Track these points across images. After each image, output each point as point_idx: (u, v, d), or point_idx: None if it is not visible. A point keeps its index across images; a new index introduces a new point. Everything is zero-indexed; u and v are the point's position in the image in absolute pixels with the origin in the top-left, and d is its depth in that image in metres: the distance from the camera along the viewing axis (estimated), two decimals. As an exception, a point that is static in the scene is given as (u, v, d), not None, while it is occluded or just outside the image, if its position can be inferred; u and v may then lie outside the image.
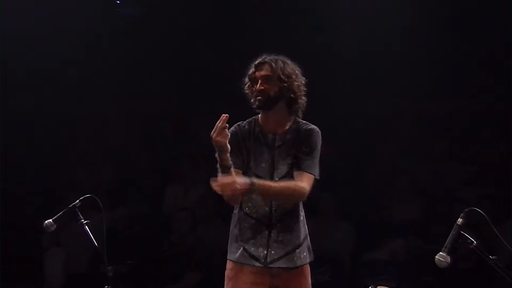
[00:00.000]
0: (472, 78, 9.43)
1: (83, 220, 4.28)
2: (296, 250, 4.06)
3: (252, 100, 4.15)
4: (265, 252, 4.03)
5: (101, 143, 9.72)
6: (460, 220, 3.70)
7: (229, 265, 4.15)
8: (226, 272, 4.15)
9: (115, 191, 8.73)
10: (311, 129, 4.13)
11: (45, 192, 9.04)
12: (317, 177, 4.08)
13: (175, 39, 10.12)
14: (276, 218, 4.04)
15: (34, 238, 8.21)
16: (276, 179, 4.03)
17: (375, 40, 9.19)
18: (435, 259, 3.64)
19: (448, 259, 3.62)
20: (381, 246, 7.76)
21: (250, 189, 3.88)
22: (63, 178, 9.21)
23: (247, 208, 4.09)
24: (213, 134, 3.89)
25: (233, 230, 4.15)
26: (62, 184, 9.03)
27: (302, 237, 4.09)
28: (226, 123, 3.86)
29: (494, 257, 3.67)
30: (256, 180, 3.90)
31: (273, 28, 9.21)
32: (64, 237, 7.99)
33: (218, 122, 3.88)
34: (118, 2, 9.79)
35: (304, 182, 4.00)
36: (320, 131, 4.16)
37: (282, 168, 4.05)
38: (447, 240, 3.67)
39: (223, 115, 3.88)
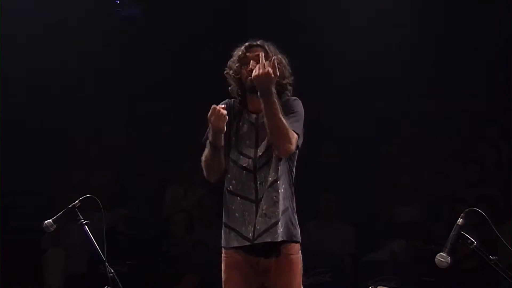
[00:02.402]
0: (473, 78, 9.43)
1: (82, 221, 4.27)
2: (278, 223, 3.94)
3: (235, 83, 4.07)
4: (252, 228, 3.95)
5: (101, 143, 9.72)
6: (460, 220, 3.69)
7: (223, 255, 4.08)
8: (222, 264, 4.08)
9: (115, 192, 8.73)
10: (287, 99, 4.04)
11: (45, 192, 9.04)
12: (299, 141, 3.98)
13: (175, 39, 10.13)
14: (262, 191, 3.96)
15: (33, 238, 8.21)
16: (259, 154, 3.97)
17: (375, 40, 9.19)
18: (436, 259, 3.63)
19: (449, 259, 3.61)
20: (381, 246, 7.75)
21: (269, 89, 3.81)
22: (63, 178, 9.20)
23: (231, 186, 4.02)
24: (211, 117, 3.88)
25: (224, 214, 4.08)
26: (61, 184, 9.03)
27: (281, 210, 3.96)
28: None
29: (494, 257, 3.66)
30: (275, 92, 3.84)
31: (273, 29, 9.20)
32: (64, 238, 7.98)
33: (217, 108, 3.88)
34: (118, 2, 9.79)
35: (292, 133, 3.92)
36: (298, 99, 4.07)
37: (266, 145, 3.97)
38: (448, 240, 3.66)
39: (221, 105, 3.91)
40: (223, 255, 4.08)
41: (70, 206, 4.29)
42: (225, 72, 4.13)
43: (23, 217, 8.72)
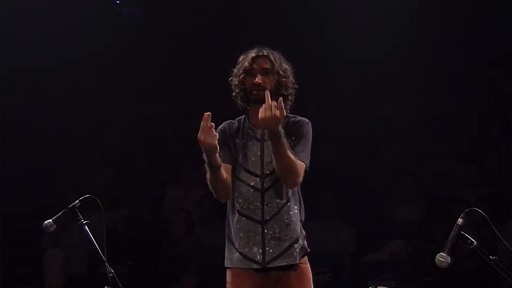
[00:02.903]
0: (473, 78, 9.43)
1: (82, 221, 4.26)
2: (295, 245, 3.91)
3: (239, 93, 4.02)
4: (261, 251, 3.89)
5: (101, 144, 9.72)
6: (460, 220, 3.68)
7: (227, 274, 4.00)
8: (227, 284, 4.02)
9: (115, 192, 8.73)
10: (299, 120, 4.00)
11: (45, 192, 9.04)
12: (307, 169, 3.94)
13: (175, 39, 10.12)
14: (268, 212, 3.90)
15: (33, 238, 8.21)
16: (267, 172, 3.91)
17: (376, 40, 9.19)
18: (435, 259, 3.63)
19: (449, 259, 3.61)
20: (381, 246, 7.75)
21: (277, 129, 3.72)
22: (63, 178, 9.20)
23: (238, 206, 3.95)
24: (200, 136, 3.73)
25: (227, 233, 4.01)
26: (61, 184, 9.03)
27: (298, 230, 3.93)
28: (212, 122, 3.74)
29: (494, 257, 3.66)
30: (283, 131, 3.77)
31: (274, 29, 9.20)
32: (64, 238, 7.98)
33: (202, 123, 3.74)
34: (118, 2, 9.78)
35: (299, 166, 3.87)
36: (309, 122, 4.02)
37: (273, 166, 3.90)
38: (448, 240, 3.66)
39: (205, 113, 3.76)
40: (227, 276, 4.00)
41: (70, 206, 4.28)
42: (230, 79, 4.08)
43: (23, 217, 8.72)
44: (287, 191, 3.94)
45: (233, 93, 4.07)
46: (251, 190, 3.93)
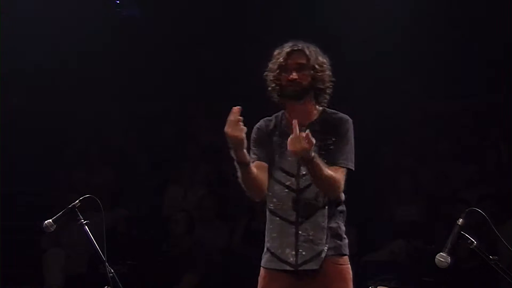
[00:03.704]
0: (474, 78, 9.43)
1: (82, 221, 4.26)
2: (324, 250, 3.84)
3: (275, 88, 3.91)
4: (294, 253, 3.80)
5: (101, 143, 9.72)
6: (460, 220, 3.69)
7: (260, 273, 3.94)
8: (259, 278, 3.94)
9: (115, 192, 8.73)
10: (340, 118, 3.95)
11: (45, 192, 9.04)
12: (352, 168, 3.91)
13: (175, 40, 10.13)
14: (303, 214, 3.81)
15: (33, 238, 8.21)
16: (303, 173, 3.81)
17: (376, 40, 9.18)
18: (436, 259, 3.63)
19: (449, 259, 3.61)
20: (381, 246, 7.75)
21: (309, 157, 3.63)
22: (63, 178, 9.20)
23: (271, 205, 3.87)
24: (228, 129, 3.65)
25: (265, 233, 3.94)
26: (61, 184, 9.03)
27: (330, 235, 3.86)
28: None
29: (495, 257, 3.66)
30: (315, 154, 3.68)
31: (273, 29, 9.20)
32: (64, 238, 7.98)
33: (229, 116, 3.67)
34: (118, 2, 9.78)
35: (338, 177, 3.81)
36: (350, 119, 3.97)
37: None
38: (448, 240, 3.66)
39: (234, 107, 3.69)
40: (260, 274, 3.94)
41: (70, 206, 4.29)
42: (265, 74, 3.98)
43: (23, 217, 8.72)
44: (324, 194, 3.85)
45: (269, 88, 3.96)
46: (286, 190, 3.84)
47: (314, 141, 3.63)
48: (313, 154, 3.66)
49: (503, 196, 7.62)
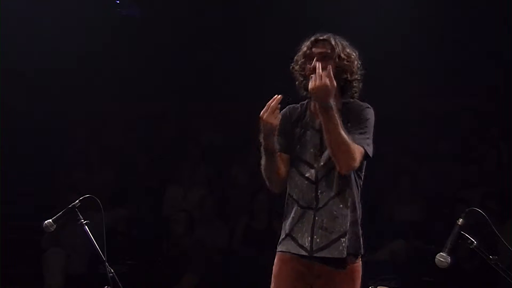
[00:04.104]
0: (474, 77, 9.43)
1: (82, 220, 4.27)
2: (342, 238, 3.75)
3: (302, 80, 3.83)
4: (309, 238, 3.77)
5: (101, 144, 9.72)
6: (460, 220, 3.69)
7: (275, 259, 3.89)
8: (275, 260, 3.90)
9: (115, 192, 8.73)
10: (360, 105, 3.89)
11: (45, 192, 9.04)
12: (370, 154, 3.84)
13: (175, 40, 10.13)
14: (322, 201, 3.76)
15: (33, 238, 8.21)
16: (322, 164, 3.77)
17: (376, 39, 9.18)
18: (435, 259, 3.64)
19: (448, 259, 3.61)
20: (382, 246, 7.75)
21: (327, 103, 3.58)
22: (63, 178, 9.20)
23: (294, 194, 3.82)
24: (264, 114, 3.62)
25: (283, 221, 3.89)
26: (61, 184, 9.03)
27: (347, 224, 3.77)
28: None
29: (494, 257, 3.66)
30: (335, 106, 3.62)
31: (273, 29, 9.20)
32: (64, 238, 7.98)
33: (270, 102, 3.63)
34: (118, 2, 9.79)
35: (355, 148, 3.72)
36: (371, 108, 3.91)
37: (328, 155, 3.75)
38: (447, 240, 3.66)
39: (277, 95, 3.64)
40: (275, 261, 3.89)
41: (70, 206, 4.29)
42: (291, 67, 3.92)
43: (23, 217, 8.72)
44: (339, 183, 3.78)
45: (297, 82, 3.90)
46: (306, 182, 3.81)
47: (335, 83, 3.61)
48: (333, 102, 3.61)
49: (503, 196, 7.63)
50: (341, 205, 3.79)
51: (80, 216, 4.27)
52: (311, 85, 3.60)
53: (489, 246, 4.11)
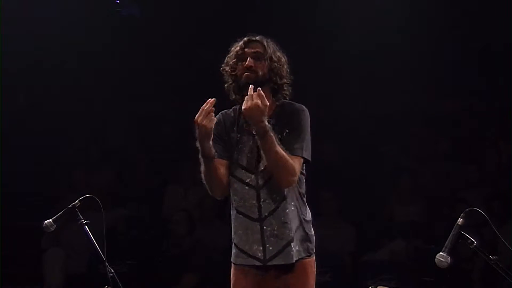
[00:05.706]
0: (474, 78, 9.43)
1: (82, 220, 4.26)
2: (291, 243, 3.79)
3: (231, 82, 3.87)
4: (261, 248, 3.79)
5: (101, 144, 9.72)
6: (460, 220, 3.68)
7: (232, 270, 3.93)
8: (231, 276, 3.95)
9: (115, 192, 8.73)
10: (295, 108, 3.84)
11: (45, 192, 9.04)
12: (308, 158, 3.80)
13: (175, 40, 10.13)
14: (266, 209, 3.77)
15: (33, 238, 8.20)
16: (261, 169, 3.77)
17: (376, 39, 9.19)
18: (436, 259, 3.63)
19: (449, 259, 3.61)
20: (382, 246, 7.75)
21: (262, 125, 3.60)
22: (63, 178, 9.20)
23: (234, 202, 3.84)
24: (198, 117, 3.66)
25: (232, 229, 3.92)
26: (61, 184, 9.03)
27: (294, 229, 3.79)
28: (213, 107, 3.66)
29: (495, 257, 3.66)
30: (270, 127, 3.64)
31: (273, 28, 9.19)
32: (64, 237, 7.98)
33: (204, 105, 3.67)
34: (118, 2, 9.79)
35: (293, 163, 3.70)
36: (306, 110, 3.85)
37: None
38: (448, 240, 3.66)
39: (210, 99, 3.68)
40: (232, 272, 3.93)
41: (70, 206, 4.29)
42: (221, 68, 3.95)
43: (23, 217, 8.72)
44: (282, 188, 3.79)
45: (225, 85, 3.94)
46: (246, 188, 3.81)
47: (267, 102, 3.62)
48: (266, 122, 3.63)
49: (503, 196, 7.62)
50: (287, 210, 3.81)
51: (80, 216, 4.26)
52: (244, 106, 3.64)
53: (489, 246, 4.11)
